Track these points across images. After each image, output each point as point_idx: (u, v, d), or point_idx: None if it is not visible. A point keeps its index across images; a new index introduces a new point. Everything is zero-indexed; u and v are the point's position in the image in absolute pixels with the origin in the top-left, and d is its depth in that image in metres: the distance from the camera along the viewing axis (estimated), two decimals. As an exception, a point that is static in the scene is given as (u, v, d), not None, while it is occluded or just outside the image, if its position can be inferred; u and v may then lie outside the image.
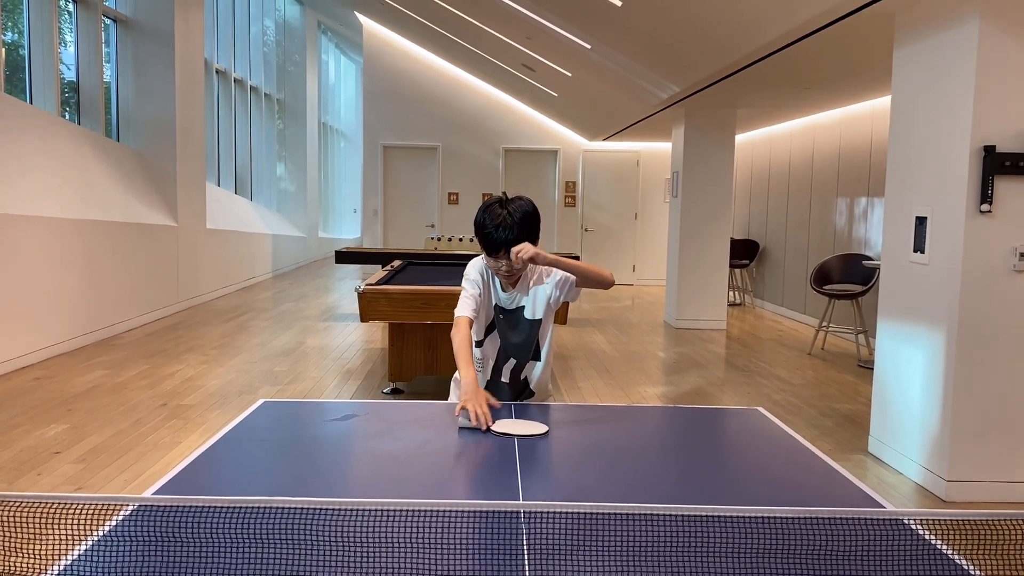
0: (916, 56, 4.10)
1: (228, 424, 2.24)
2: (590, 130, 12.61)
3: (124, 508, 1.55)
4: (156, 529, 1.45)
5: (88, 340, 7.02)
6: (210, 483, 1.81)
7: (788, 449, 2.15)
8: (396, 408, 2.52)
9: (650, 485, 1.87)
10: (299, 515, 1.43)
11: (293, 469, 1.93)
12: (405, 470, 1.90)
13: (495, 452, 2.04)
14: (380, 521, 1.41)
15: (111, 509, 1.46)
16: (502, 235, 2.46)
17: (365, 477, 1.90)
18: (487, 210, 2.52)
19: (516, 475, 1.86)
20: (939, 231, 3.88)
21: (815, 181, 9.13)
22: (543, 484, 1.88)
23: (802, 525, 1.45)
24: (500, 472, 1.91)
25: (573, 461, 2.05)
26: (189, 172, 9.38)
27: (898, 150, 4.27)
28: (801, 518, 1.45)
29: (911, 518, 1.57)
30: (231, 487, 1.76)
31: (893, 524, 1.56)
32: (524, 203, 2.52)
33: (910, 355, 4.12)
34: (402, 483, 1.82)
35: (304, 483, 1.82)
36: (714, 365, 6.84)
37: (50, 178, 6.86)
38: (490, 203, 2.54)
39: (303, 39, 15.78)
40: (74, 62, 8.20)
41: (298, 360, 6.62)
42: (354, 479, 1.91)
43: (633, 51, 6.99)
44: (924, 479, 3.95)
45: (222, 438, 2.09)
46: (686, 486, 1.86)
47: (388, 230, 13.53)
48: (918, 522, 1.57)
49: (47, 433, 4.47)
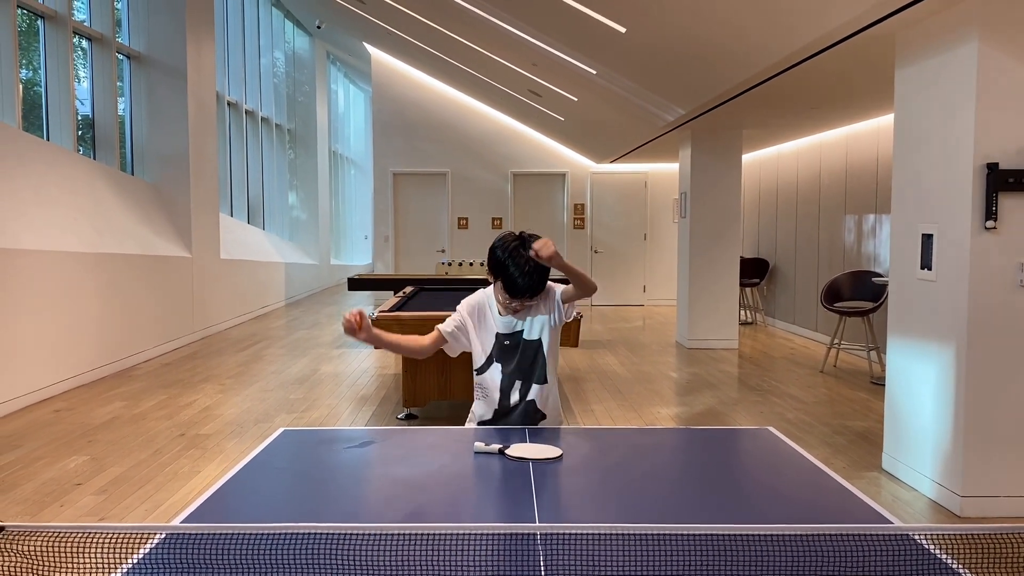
0: (917, 76, 4.15)
1: (248, 453, 2.28)
2: (597, 153, 12.70)
3: (152, 537, 1.60)
4: (185, 557, 1.50)
5: (106, 372, 7.10)
6: (235, 511, 1.86)
7: (798, 468, 2.18)
8: (412, 434, 2.56)
9: (665, 506, 1.91)
10: (322, 541, 1.48)
11: (314, 496, 1.98)
12: (423, 495, 1.94)
13: (511, 476, 2.08)
14: (400, 545, 1.46)
15: (139, 538, 1.51)
16: (527, 283, 2.51)
17: (384, 502, 1.95)
18: (510, 252, 2.52)
19: (532, 498, 1.90)
20: (945, 248, 3.91)
21: (823, 199, 9.17)
22: (559, 507, 1.92)
23: (812, 543, 1.49)
24: (516, 495, 1.95)
25: (588, 483, 2.09)
26: (203, 203, 9.50)
27: (902, 169, 4.32)
28: (809, 535, 1.48)
29: (919, 533, 1.60)
30: (255, 515, 1.81)
31: (903, 541, 1.58)
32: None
33: (921, 371, 4.13)
34: (420, 508, 1.86)
35: (325, 509, 1.87)
36: (727, 385, 6.85)
37: (66, 212, 6.98)
38: (509, 244, 2.54)
39: (312, 70, 15.99)
40: (89, 98, 8.36)
41: (313, 387, 6.67)
42: (373, 505, 1.95)
43: (638, 75, 7.08)
44: (939, 495, 3.95)
45: (245, 467, 2.14)
46: (700, 506, 1.89)
47: (399, 256, 13.62)
48: (929, 538, 1.60)
49: (68, 465, 4.52)
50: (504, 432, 2.52)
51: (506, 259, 2.52)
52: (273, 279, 12.78)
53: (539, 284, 2.54)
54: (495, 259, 2.57)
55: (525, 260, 2.49)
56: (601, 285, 13.45)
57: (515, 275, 2.52)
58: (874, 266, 7.93)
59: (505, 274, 2.54)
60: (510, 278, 2.53)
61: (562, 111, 10.54)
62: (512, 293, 2.56)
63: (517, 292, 2.55)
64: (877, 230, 7.93)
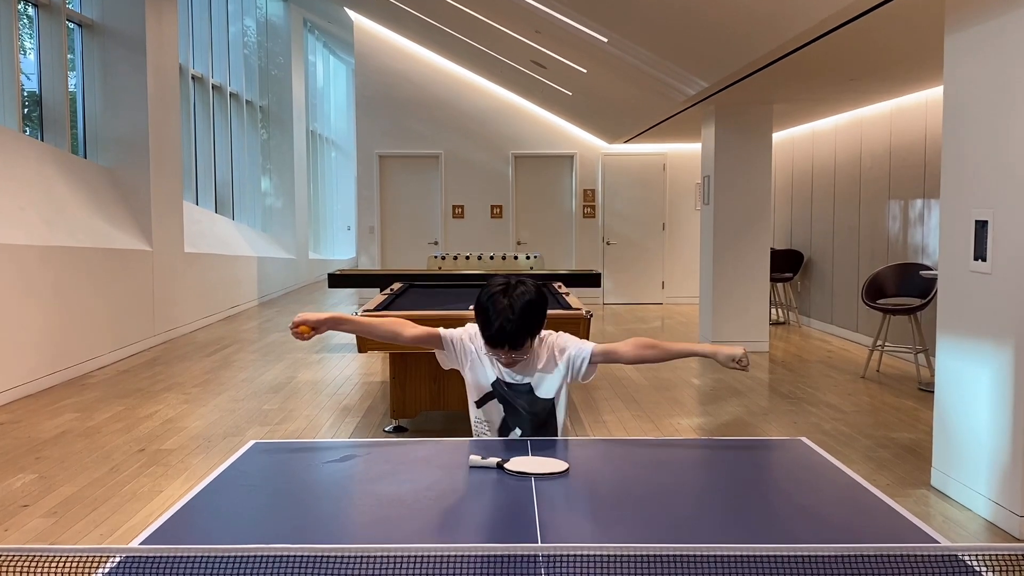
0: (969, 42, 4.15)
1: (215, 468, 2.29)
2: (609, 132, 12.70)
3: (108, 560, 1.61)
4: (143, 583, 1.50)
5: (56, 380, 7.12)
6: (200, 532, 1.86)
7: (836, 484, 2.18)
8: (400, 447, 2.57)
9: (682, 524, 1.91)
10: (299, 564, 1.48)
11: (290, 515, 1.98)
12: (412, 513, 1.95)
13: (510, 493, 2.09)
14: (387, 568, 1.46)
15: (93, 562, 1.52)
16: (504, 330, 2.54)
17: (369, 522, 1.95)
18: (490, 296, 2.59)
19: (534, 517, 1.91)
20: (1002, 236, 3.91)
21: (864, 182, 9.16)
22: (564, 526, 1.93)
23: (851, 564, 1.49)
24: (516, 514, 1.96)
25: (597, 500, 2.09)
26: (165, 190, 9.52)
27: (953, 147, 4.32)
28: (847, 556, 1.49)
29: (972, 553, 1.60)
30: (223, 536, 1.82)
31: (953, 563, 1.58)
32: (528, 290, 2.60)
33: (975, 376, 4.14)
34: (409, 527, 1.87)
35: (302, 530, 1.87)
36: (756, 392, 6.86)
37: (11, 200, 6.99)
38: (493, 289, 2.61)
39: (287, 39, 16.00)
40: (36, 72, 8.37)
41: (289, 397, 6.69)
42: (356, 524, 1.96)
43: (654, 43, 7.08)
44: (995, 515, 3.95)
45: (211, 483, 2.15)
46: (724, 525, 1.90)
47: (386, 249, 13.64)
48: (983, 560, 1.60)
49: (14, 484, 4.54)
50: (504, 444, 2.53)
51: (486, 303, 2.58)
52: (244, 275, 12.79)
53: (516, 335, 2.56)
54: (477, 303, 2.63)
55: (503, 308, 2.54)
56: (615, 281, 13.49)
57: (490, 321, 2.56)
58: (922, 258, 7.94)
59: (482, 319, 2.60)
60: (484, 325, 2.59)
61: (569, 85, 10.54)
62: (487, 340, 2.62)
63: (490, 340, 2.60)
64: (925, 217, 7.93)
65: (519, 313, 2.54)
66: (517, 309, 2.53)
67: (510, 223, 13.50)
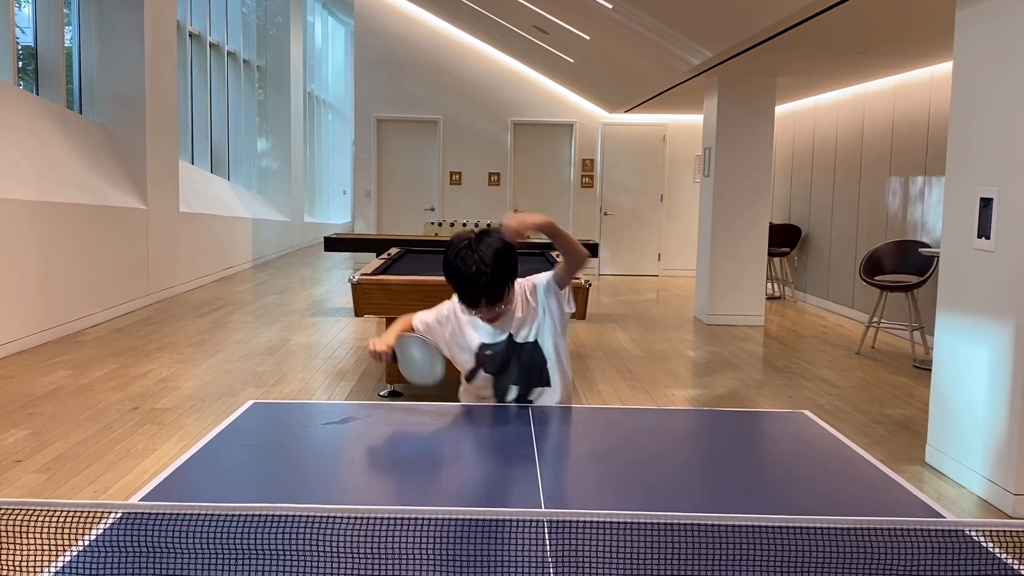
0: (982, 15, 4.10)
1: (211, 429, 2.28)
2: (610, 101, 12.61)
3: (106, 516, 1.59)
4: (142, 540, 1.49)
5: (49, 337, 7.09)
6: (198, 491, 1.85)
7: (838, 457, 2.17)
8: (397, 411, 2.56)
9: (684, 493, 1.90)
10: (299, 524, 1.47)
11: (288, 475, 1.97)
12: (411, 476, 1.94)
13: (512, 455, 2.08)
14: (386, 530, 1.45)
15: (90, 517, 1.50)
16: (478, 287, 2.48)
17: (367, 484, 1.94)
18: (458, 253, 2.51)
19: (537, 482, 1.90)
20: (1007, 214, 3.89)
21: (865, 158, 9.13)
22: (566, 491, 1.92)
23: (853, 536, 1.48)
24: (518, 478, 1.95)
25: (603, 471, 2.08)
26: (160, 148, 9.44)
27: (960, 123, 4.28)
28: (853, 529, 1.48)
29: (975, 528, 1.59)
30: (223, 494, 1.80)
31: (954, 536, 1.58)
32: (493, 240, 2.52)
33: (973, 354, 4.14)
34: (409, 488, 1.86)
35: (300, 490, 1.86)
36: (751, 366, 6.87)
37: (5, 155, 6.92)
38: (459, 245, 2.52)
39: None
40: (31, 26, 8.25)
41: (283, 359, 6.68)
42: (355, 486, 1.95)
43: (660, 11, 7.00)
44: (988, 492, 3.97)
45: (210, 441, 2.13)
46: (725, 494, 1.89)
47: (383, 214, 13.58)
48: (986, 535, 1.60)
49: (7, 440, 4.53)
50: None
51: (455, 261, 2.51)
52: (239, 237, 12.74)
53: (493, 286, 2.50)
54: (445, 263, 2.56)
55: (473, 262, 2.47)
56: (611, 252, 13.47)
57: (462, 279, 2.49)
58: (921, 235, 7.92)
59: (454, 280, 2.53)
60: (458, 284, 2.53)
61: (572, 52, 10.44)
62: (463, 300, 2.56)
63: (466, 299, 2.54)
64: (926, 194, 7.90)
65: (491, 263, 2.46)
66: (488, 259, 2.46)
67: (508, 191, 13.44)
